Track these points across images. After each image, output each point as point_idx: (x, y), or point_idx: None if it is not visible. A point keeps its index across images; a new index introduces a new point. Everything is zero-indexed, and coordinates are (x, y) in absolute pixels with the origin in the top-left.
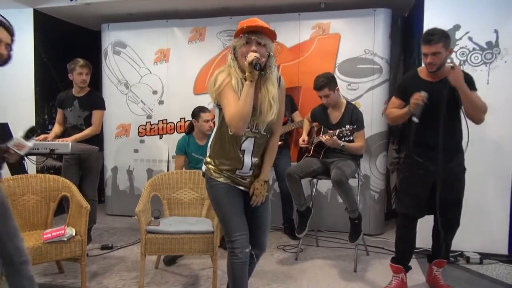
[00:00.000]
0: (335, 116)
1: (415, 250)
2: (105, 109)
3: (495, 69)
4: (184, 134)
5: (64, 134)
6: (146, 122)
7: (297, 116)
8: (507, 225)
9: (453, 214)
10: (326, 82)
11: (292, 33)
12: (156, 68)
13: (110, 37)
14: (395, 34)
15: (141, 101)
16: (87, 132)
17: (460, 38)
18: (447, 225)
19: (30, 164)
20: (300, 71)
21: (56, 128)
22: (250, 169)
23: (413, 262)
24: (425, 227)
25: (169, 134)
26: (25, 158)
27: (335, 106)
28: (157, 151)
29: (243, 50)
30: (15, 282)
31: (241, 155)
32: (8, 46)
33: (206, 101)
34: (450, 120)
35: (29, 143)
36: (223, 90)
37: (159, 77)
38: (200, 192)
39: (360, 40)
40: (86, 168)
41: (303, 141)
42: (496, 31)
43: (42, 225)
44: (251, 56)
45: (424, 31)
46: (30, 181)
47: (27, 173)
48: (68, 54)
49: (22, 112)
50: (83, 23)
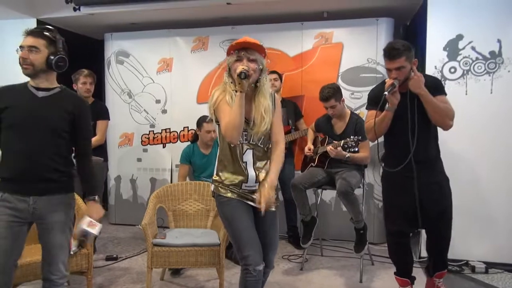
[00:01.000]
0: (339, 126)
1: (422, 260)
2: (109, 119)
3: (499, 78)
4: (189, 142)
5: None
6: (149, 131)
7: (301, 124)
8: None
9: (442, 226)
10: (333, 93)
11: (295, 42)
12: (159, 77)
13: (113, 46)
14: None
15: (144, 110)
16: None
17: (463, 48)
18: (438, 238)
19: None
20: (303, 80)
21: None
22: (256, 182)
23: (419, 271)
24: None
25: (173, 143)
26: None
27: (339, 116)
28: (161, 160)
29: (235, 66)
30: None
31: (244, 167)
32: (33, 49)
33: None
34: (423, 130)
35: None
36: (219, 105)
37: (162, 86)
38: (205, 203)
39: (363, 49)
40: None
41: (309, 149)
42: (499, 41)
43: None
44: (239, 68)
45: (426, 40)
46: None
47: None
48: (71, 63)
49: None
50: (86, 33)
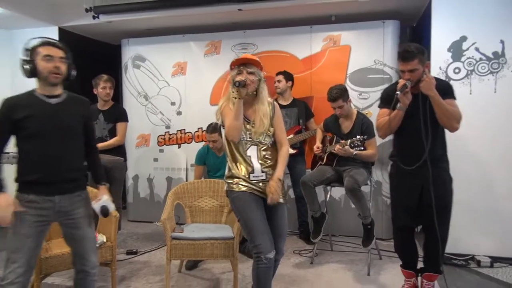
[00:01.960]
0: (346, 126)
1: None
2: (128, 121)
3: (502, 78)
4: (203, 143)
5: None
6: (165, 132)
7: (312, 123)
8: None
9: (441, 223)
10: (340, 94)
11: (304, 45)
12: (174, 80)
13: (130, 51)
14: (404, 44)
15: (160, 112)
16: (111, 142)
17: (467, 49)
18: (434, 237)
19: None
20: (312, 81)
21: None
22: (262, 172)
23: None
24: None
25: (187, 143)
26: None
27: (346, 116)
28: (176, 159)
29: (236, 79)
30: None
31: (249, 160)
32: (63, 59)
33: None
34: (432, 130)
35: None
36: (223, 111)
37: (177, 89)
38: (219, 200)
39: (370, 51)
40: (111, 178)
41: (318, 148)
42: (502, 42)
43: None
44: (236, 78)
45: (431, 42)
46: None
47: None
48: (90, 68)
49: None
50: (104, 39)
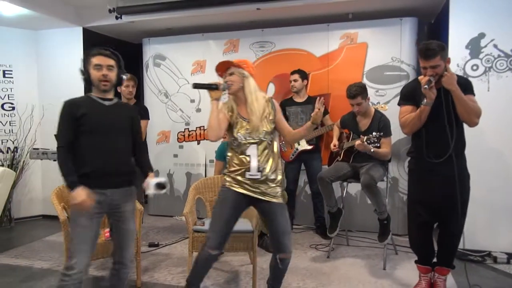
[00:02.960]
0: (364, 123)
1: None
2: (149, 119)
3: None
4: (222, 140)
5: None
6: (185, 129)
7: (327, 120)
8: None
9: (457, 218)
10: (360, 91)
11: (322, 43)
12: (194, 78)
13: (151, 50)
14: (421, 41)
15: (180, 109)
16: None
17: (485, 46)
18: (449, 232)
19: None
20: (329, 79)
21: None
22: (258, 171)
23: None
24: None
25: (206, 139)
26: None
27: (364, 114)
28: (195, 155)
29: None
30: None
31: (247, 159)
32: (110, 67)
33: None
34: (452, 125)
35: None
36: None
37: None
38: None
39: (387, 48)
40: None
41: (334, 145)
42: None
43: (103, 224)
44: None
45: (449, 39)
46: None
47: None
48: None
49: None
50: (126, 38)
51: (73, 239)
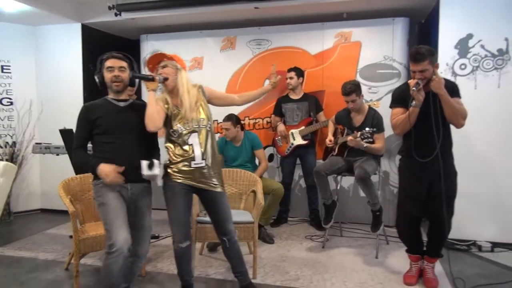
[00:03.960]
0: (358, 119)
1: None
2: None
3: (506, 74)
4: (219, 134)
5: None
6: None
7: (321, 116)
8: None
9: (446, 212)
10: (354, 88)
11: (316, 41)
12: (191, 75)
13: (149, 46)
14: (412, 40)
15: None
16: None
17: (473, 46)
18: (439, 224)
19: None
20: (324, 76)
21: None
22: (203, 159)
23: None
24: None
25: None
26: None
27: (358, 110)
28: None
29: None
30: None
31: (191, 148)
32: (122, 68)
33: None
34: (439, 127)
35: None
36: None
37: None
38: (238, 188)
39: (380, 47)
40: None
41: (330, 141)
42: (506, 39)
43: None
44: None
45: (439, 39)
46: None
47: None
48: None
49: (73, 116)
50: (124, 34)
51: (106, 219)
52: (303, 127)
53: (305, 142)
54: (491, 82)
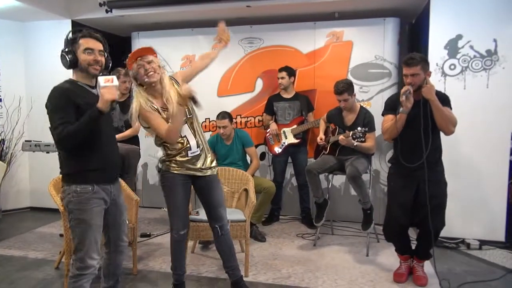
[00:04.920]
0: (349, 118)
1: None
2: None
3: (494, 74)
4: (210, 133)
5: None
6: None
7: (310, 117)
8: (504, 215)
9: (437, 219)
10: (346, 87)
11: (308, 40)
12: None
13: (140, 44)
14: (403, 40)
15: None
16: (128, 132)
17: (462, 47)
18: (428, 230)
19: None
20: (315, 75)
21: None
22: (198, 147)
23: None
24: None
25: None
26: None
27: (350, 109)
28: None
29: (140, 73)
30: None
31: (186, 139)
32: (101, 52)
33: (229, 102)
34: (428, 134)
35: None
36: (142, 113)
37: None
38: (231, 186)
39: (371, 46)
40: (128, 166)
41: (321, 139)
42: (495, 40)
43: None
44: (187, 91)
45: (429, 39)
46: None
47: None
48: None
49: None
50: (114, 31)
51: (83, 239)
52: (295, 126)
53: (297, 141)
54: (480, 83)
